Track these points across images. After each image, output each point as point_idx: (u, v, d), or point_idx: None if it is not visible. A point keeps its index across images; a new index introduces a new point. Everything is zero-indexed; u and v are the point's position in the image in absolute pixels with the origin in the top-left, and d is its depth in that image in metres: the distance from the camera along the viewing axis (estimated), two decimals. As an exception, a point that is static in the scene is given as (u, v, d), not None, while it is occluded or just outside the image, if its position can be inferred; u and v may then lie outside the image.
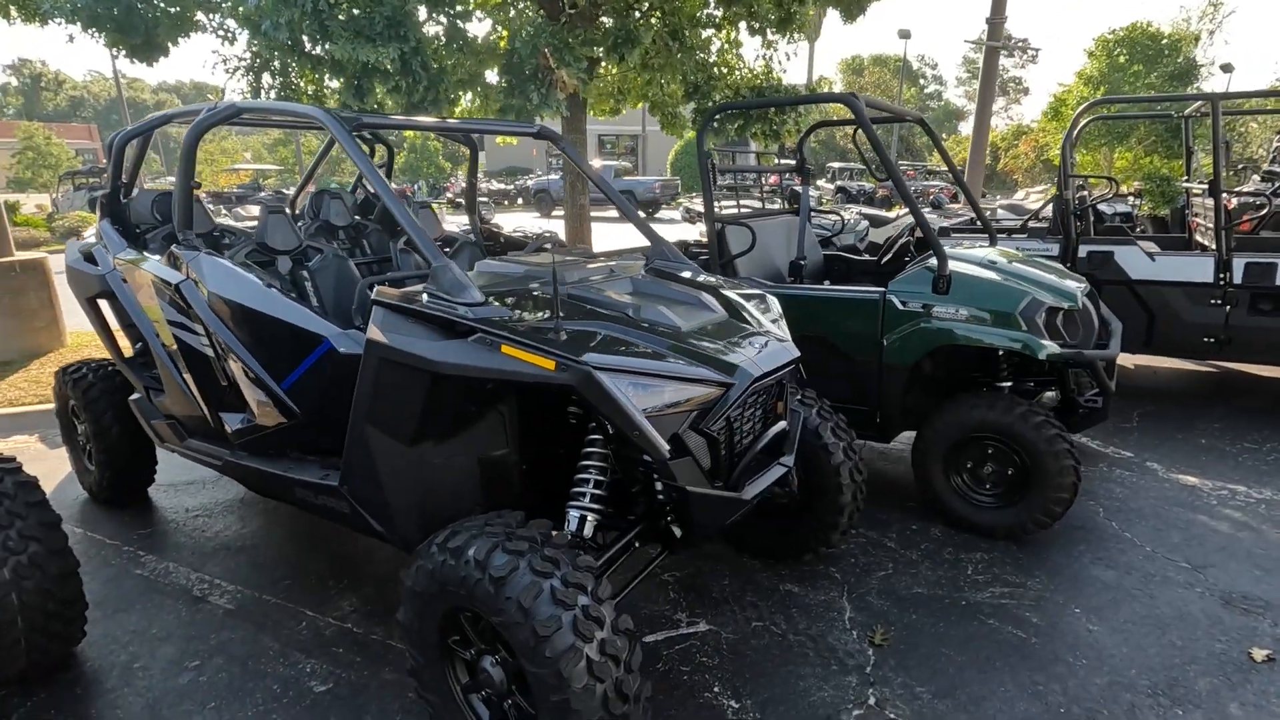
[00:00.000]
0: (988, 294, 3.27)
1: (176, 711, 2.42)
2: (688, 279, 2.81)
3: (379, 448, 2.27)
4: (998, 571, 3.12)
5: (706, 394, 2.07)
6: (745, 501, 2.20)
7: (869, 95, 3.88)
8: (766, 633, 2.74)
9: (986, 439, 3.30)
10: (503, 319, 2.08)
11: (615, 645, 1.74)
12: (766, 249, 4.47)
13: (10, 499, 2.45)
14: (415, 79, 4.35)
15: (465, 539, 1.87)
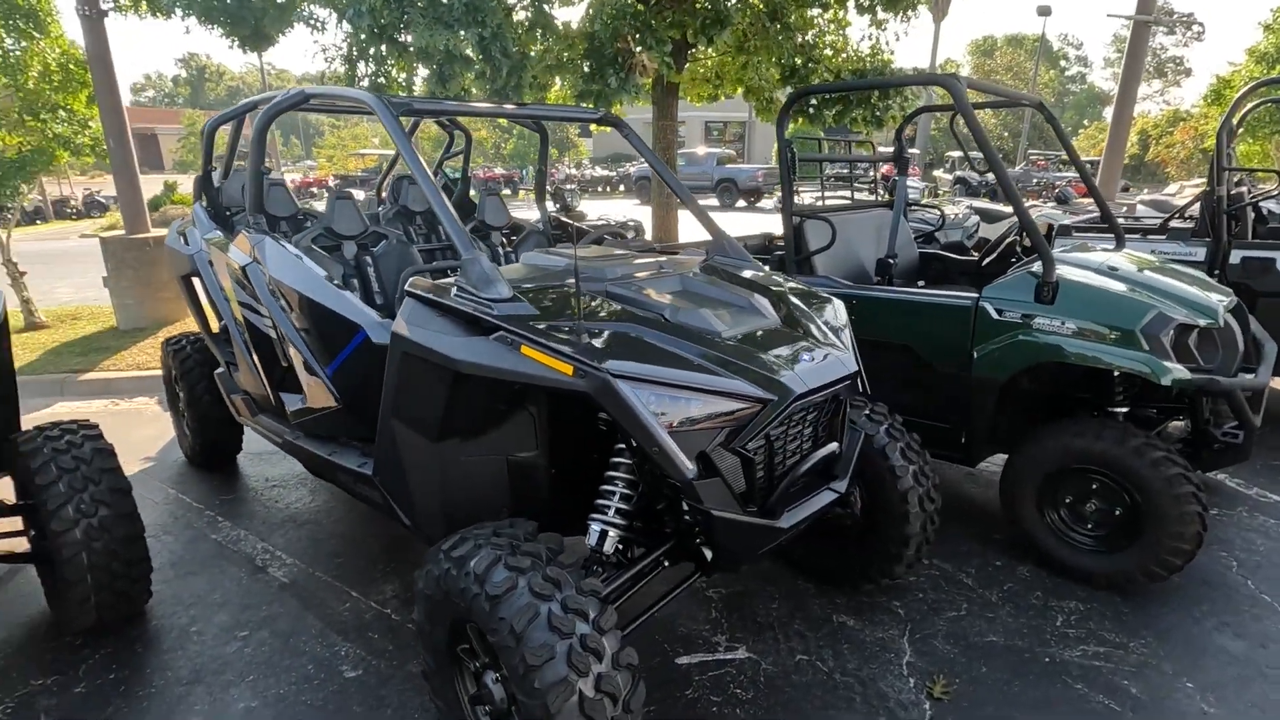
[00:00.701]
0: (1103, 305, 2.83)
1: (218, 680, 2.50)
2: (745, 278, 2.58)
3: (405, 442, 2.23)
4: (1094, 626, 2.71)
5: (741, 410, 1.86)
6: (781, 530, 1.98)
7: (973, 78, 3.45)
8: (811, 668, 2.51)
9: (1092, 472, 2.87)
10: (527, 316, 1.96)
11: (613, 682, 1.59)
12: (852, 245, 4.13)
13: (86, 464, 2.61)
14: (496, 65, 4.32)
15: (469, 548, 1.77)
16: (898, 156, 4.67)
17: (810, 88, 3.52)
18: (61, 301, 8.67)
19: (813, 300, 2.50)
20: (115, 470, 2.68)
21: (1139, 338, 2.71)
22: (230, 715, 2.34)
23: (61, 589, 2.56)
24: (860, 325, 3.41)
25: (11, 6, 6.46)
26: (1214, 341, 2.89)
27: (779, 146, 3.60)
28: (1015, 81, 42.97)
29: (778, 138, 3.62)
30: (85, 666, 2.58)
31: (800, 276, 3.69)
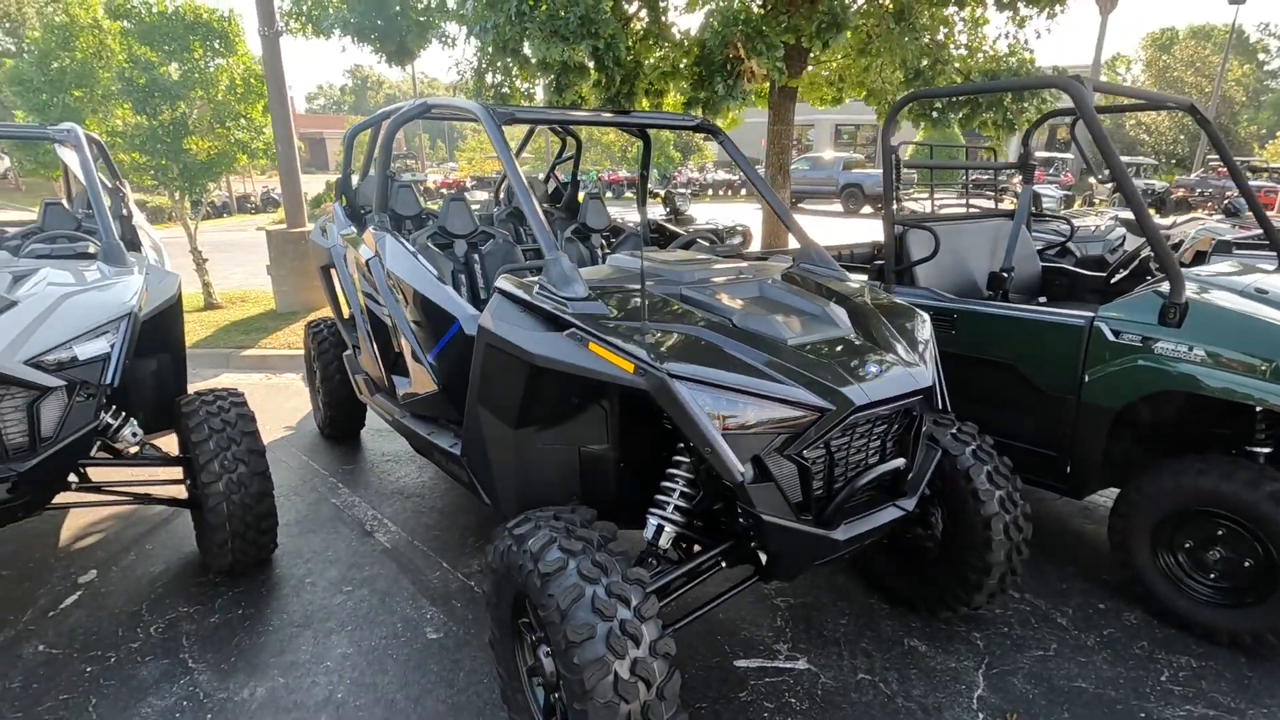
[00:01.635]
0: (1237, 331, 2.53)
1: (322, 627, 2.81)
2: (825, 287, 2.56)
3: (487, 427, 2.41)
4: (1206, 686, 2.44)
5: (798, 417, 1.87)
6: (836, 542, 1.96)
7: (1103, 81, 3.20)
8: (873, 688, 2.44)
9: (1218, 516, 2.58)
10: (599, 315, 2.07)
11: (649, 667, 1.66)
12: (964, 257, 3.93)
13: (231, 427, 3.01)
14: (610, 74, 4.49)
15: (529, 529, 1.91)
16: (1023, 163, 4.37)
17: (916, 93, 3.38)
18: (235, 286, 9.89)
19: (895, 313, 2.44)
20: (254, 434, 3.07)
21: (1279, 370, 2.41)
22: (330, 658, 2.63)
23: (206, 533, 2.98)
24: (962, 342, 3.29)
25: (209, 30, 7.47)
26: (1385, 380, 2.51)
27: (883, 153, 3.49)
28: (1197, 79, 38.27)
29: (882, 144, 3.51)
30: (220, 601, 2.99)
31: (900, 288, 3.58)
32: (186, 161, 7.70)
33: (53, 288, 2.79)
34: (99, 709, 2.37)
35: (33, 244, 3.48)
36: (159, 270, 3.46)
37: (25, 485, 2.54)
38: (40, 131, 3.67)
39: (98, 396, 2.71)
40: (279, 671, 2.56)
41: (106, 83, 7.26)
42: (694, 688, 2.45)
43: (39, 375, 2.49)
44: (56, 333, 2.60)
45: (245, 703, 2.40)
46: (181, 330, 3.56)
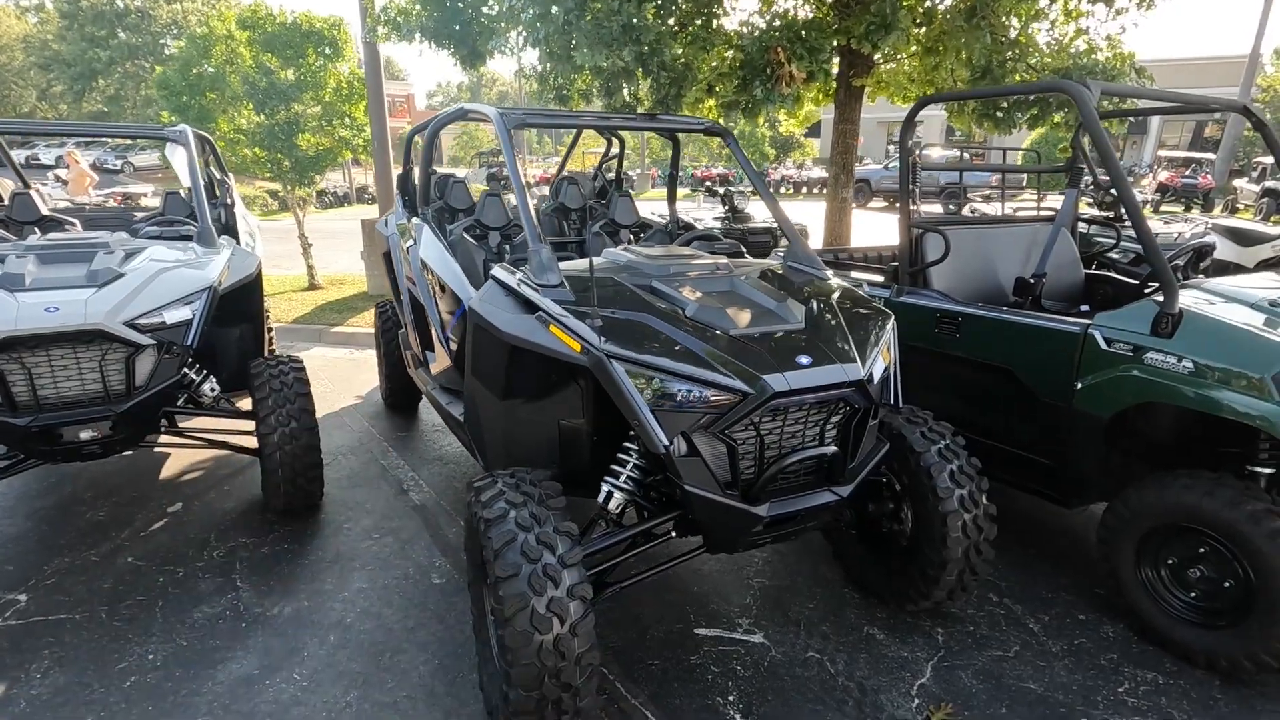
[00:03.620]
0: (1229, 344, 2.46)
1: (349, 565, 3.24)
2: (795, 285, 2.69)
3: (479, 397, 2.72)
4: (1165, 703, 2.40)
5: (720, 399, 2.05)
6: (757, 517, 2.13)
7: (1116, 84, 3.15)
8: (818, 666, 2.58)
9: (1201, 534, 2.52)
10: (565, 301, 2.32)
11: (563, 605, 1.91)
12: (991, 261, 3.89)
13: (289, 388, 3.50)
14: (656, 77, 4.70)
15: (487, 484, 2.20)
16: (1069, 166, 4.23)
17: (931, 97, 3.38)
18: (339, 270, 10.87)
19: (857, 312, 2.55)
20: (306, 395, 3.54)
21: (1269, 385, 2.33)
22: (348, 589, 3.05)
23: (266, 477, 3.49)
24: (965, 345, 3.31)
25: (320, 37, 8.30)
26: (1398, 403, 2.36)
27: (900, 154, 3.53)
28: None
29: (900, 146, 3.54)
30: (273, 535, 3.49)
31: (912, 290, 3.61)
32: (298, 156, 8.59)
33: (153, 263, 3.36)
34: (163, 611, 2.89)
35: (148, 226, 4.14)
36: (243, 252, 4.02)
37: (122, 423, 3.11)
38: (157, 131, 4.34)
39: (181, 355, 3.26)
40: (306, 596, 3.00)
41: (235, 86, 8.22)
42: (651, 647, 2.68)
43: (134, 334, 3.05)
44: (151, 300, 3.15)
45: (274, 618, 2.85)
46: (261, 303, 4.13)
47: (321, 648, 2.67)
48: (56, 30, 39.41)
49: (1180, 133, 37.97)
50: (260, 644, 2.69)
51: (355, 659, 2.61)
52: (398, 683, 2.49)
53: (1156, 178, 23.48)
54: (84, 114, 38.74)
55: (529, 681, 1.88)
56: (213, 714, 2.33)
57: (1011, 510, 3.74)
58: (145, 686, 2.45)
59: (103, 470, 4.17)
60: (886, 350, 2.48)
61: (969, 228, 4.01)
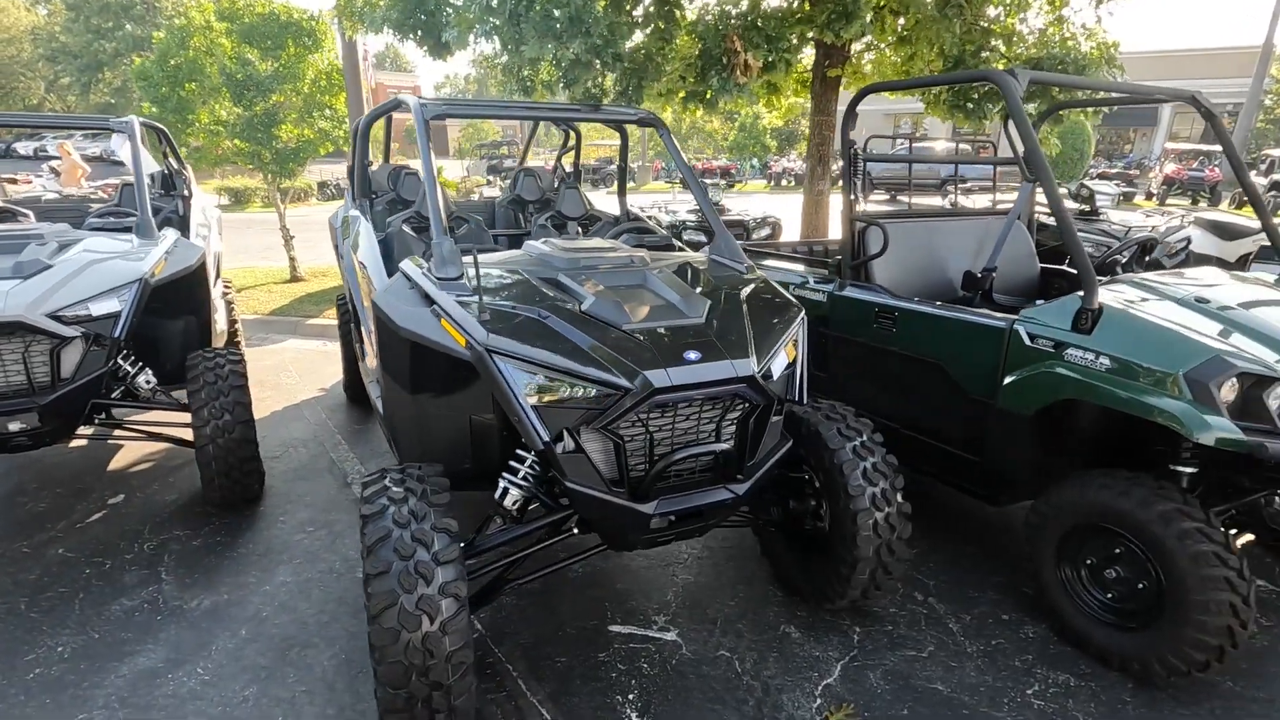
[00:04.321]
0: (1146, 341, 2.40)
1: (277, 558, 3.24)
2: (706, 278, 2.65)
3: (391, 392, 2.70)
4: (1072, 705, 2.36)
5: (598, 395, 2.02)
6: (643, 514, 2.09)
7: (1045, 74, 3.08)
8: (726, 664, 2.55)
9: (1118, 534, 2.47)
10: (459, 294, 2.29)
11: (434, 603, 1.88)
12: (941, 255, 3.82)
13: (224, 381, 3.48)
14: (611, 69, 4.64)
15: (374, 479, 2.17)
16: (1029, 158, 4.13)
17: (872, 86, 3.31)
18: (324, 262, 10.87)
19: (766, 308, 2.50)
20: (242, 388, 3.53)
21: (1181, 383, 2.27)
22: (270, 583, 3.04)
23: (201, 470, 3.48)
24: (901, 341, 3.26)
25: (299, 29, 8.27)
26: (1316, 402, 2.29)
27: (842, 147, 3.46)
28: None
29: (841, 138, 3.48)
30: (207, 528, 3.49)
31: (854, 284, 3.55)
32: (278, 148, 8.58)
33: (86, 254, 3.35)
34: (83, 603, 2.89)
35: (92, 218, 4.14)
36: (185, 244, 4.01)
37: (48, 415, 3.12)
38: (103, 122, 4.32)
39: (110, 347, 3.25)
40: (227, 590, 3.00)
41: (214, 77, 8.21)
42: (562, 644, 2.66)
43: (57, 326, 3.04)
44: (77, 292, 3.14)
45: (191, 611, 2.85)
46: (205, 295, 4.12)
47: (231, 641, 2.67)
48: (63, 22, 39.65)
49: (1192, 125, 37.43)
50: (172, 637, 2.69)
51: (263, 653, 2.61)
52: (299, 677, 2.48)
53: (1163, 170, 23.17)
54: (91, 105, 38.97)
55: (396, 679, 1.86)
56: (109, 708, 2.33)
57: (950, 508, 3.70)
58: (48, 680, 2.46)
59: (51, 462, 4.18)
60: (792, 346, 2.43)
61: (917, 222, 3.94)
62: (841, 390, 3.68)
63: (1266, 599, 2.96)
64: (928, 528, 3.52)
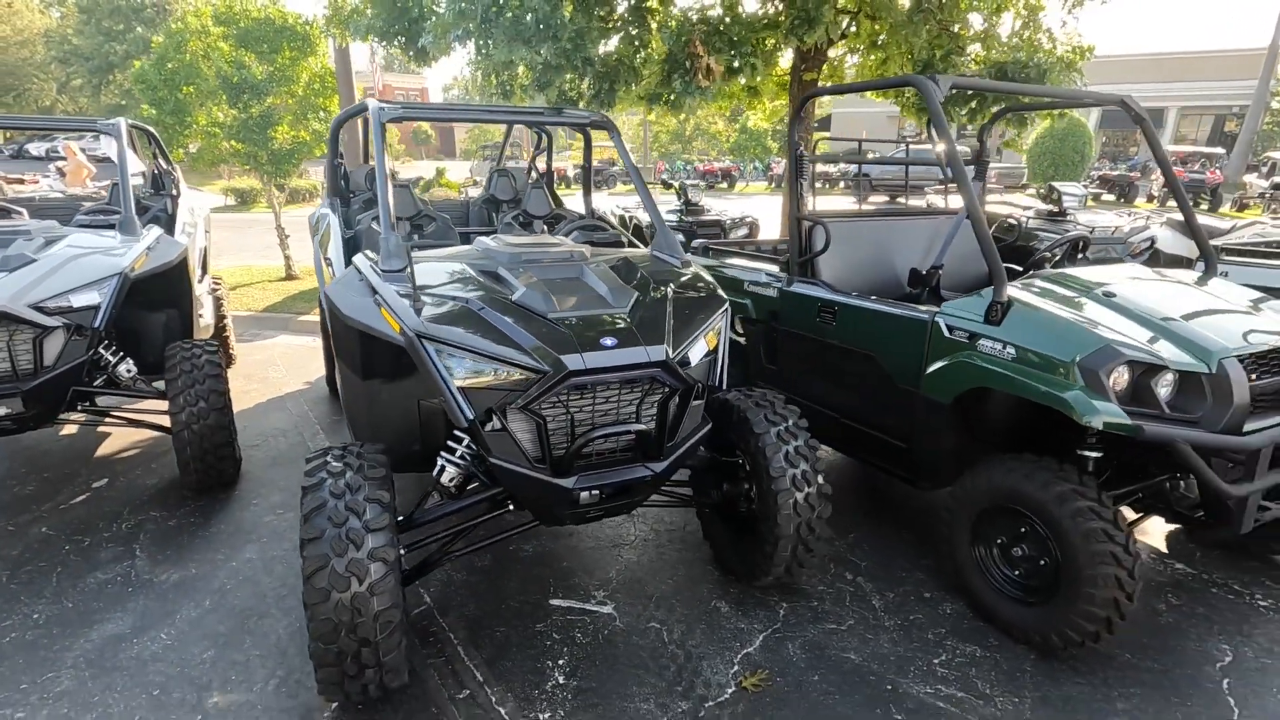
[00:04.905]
0: (1044, 331, 2.55)
1: (246, 537, 3.42)
2: (639, 272, 2.81)
3: (345, 378, 2.88)
4: (973, 674, 2.51)
5: (520, 377, 2.18)
6: (563, 489, 2.26)
7: (967, 78, 3.22)
8: (655, 635, 2.71)
9: (1023, 514, 2.61)
10: (400, 288, 2.46)
11: (361, 565, 2.05)
12: (889, 253, 3.97)
13: (200, 370, 3.67)
14: (582, 73, 4.81)
15: (317, 455, 2.35)
16: (976, 160, 4.29)
17: (816, 90, 3.47)
18: (321, 260, 11.10)
19: (692, 301, 2.66)
20: (217, 377, 3.71)
21: (1074, 370, 2.41)
22: (237, 560, 3.22)
23: (177, 455, 3.67)
24: (840, 333, 3.41)
25: (293, 34, 8.49)
26: (1203, 391, 2.43)
27: (789, 147, 3.62)
28: None
29: (788, 139, 3.64)
30: (184, 510, 3.68)
31: (801, 280, 3.70)
32: (273, 149, 8.80)
33: (70, 249, 3.55)
34: (60, 576, 3.08)
35: (81, 215, 4.35)
36: (168, 240, 4.20)
37: (31, 400, 3.31)
38: (90, 123, 4.53)
39: (91, 337, 3.45)
40: (195, 565, 3.18)
41: (211, 80, 8.44)
42: (504, 615, 2.82)
43: (40, 316, 3.24)
44: (59, 284, 3.33)
45: (160, 584, 3.04)
46: (187, 289, 4.32)
47: (195, 611, 2.85)
48: (75, 25, 40.25)
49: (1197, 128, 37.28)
50: (140, 607, 2.87)
51: (223, 621, 2.79)
52: (254, 643, 2.66)
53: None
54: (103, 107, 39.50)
55: (326, 635, 2.03)
56: (76, 667, 2.52)
57: (891, 495, 3.85)
58: (22, 642, 2.64)
59: (41, 449, 4.39)
60: (713, 335, 2.59)
61: (868, 221, 4.10)
62: (791, 382, 3.84)
63: (1183, 580, 3.09)
64: (867, 513, 3.68)
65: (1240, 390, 2.40)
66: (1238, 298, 2.93)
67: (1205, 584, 3.05)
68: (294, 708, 2.35)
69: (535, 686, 2.44)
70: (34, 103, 40.15)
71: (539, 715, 2.31)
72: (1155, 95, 33.18)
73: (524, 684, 2.45)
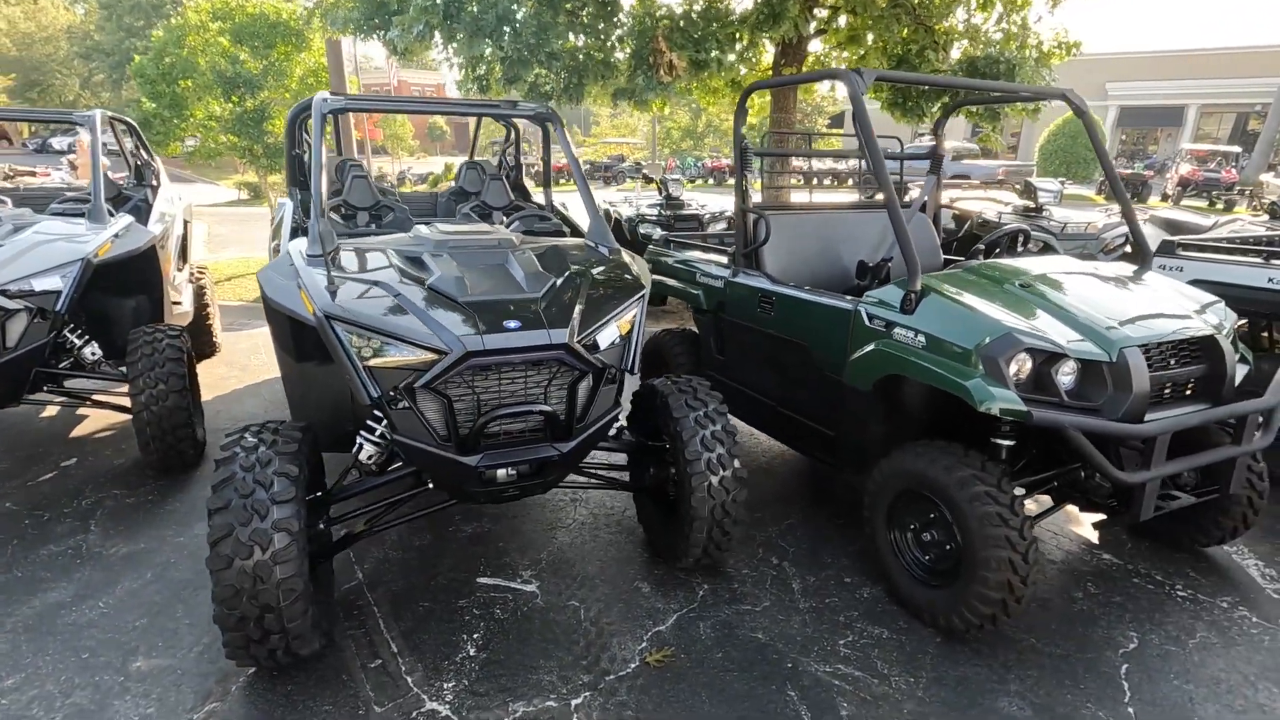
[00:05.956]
0: (951, 320, 2.58)
1: (194, 514, 3.52)
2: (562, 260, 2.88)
3: (282, 360, 2.98)
4: (875, 655, 2.55)
5: (422, 358, 2.27)
6: (466, 465, 2.34)
7: (891, 72, 3.26)
8: (572, 613, 2.78)
9: (931, 499, 2.66)
10: (320, 271, 2.55)
11: (264, 535, 2.14)
12: (837, 246, 4.02)
13: (160, 354, 3.79)
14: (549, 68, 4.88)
15: (238, 430, 2.44)
16: (931, 154, 4.31)
17: (757, 83, 3.50)
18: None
19: (610, 289, 2.73)
20: (178, 360, 3.83)
21: (974, 358, 2.45)
22: (185, 536, 3.34)
23: (137, 436, 3.79)
24: (778, 323, 3.46)
25: (287, 29, 8.64)
26: (1103, 379, 2.46)
27: (735, 142, 3.67)
28: None
29: (734, 133, 3.68)
30: (144, 489, 3.81)
31: (746, 271, 3.75)
32: (268, 143, 8.97)
33: (35, 236, 3.69)
34: (15, 548, 3.21)
35: (55, 204, 4.49)
36: (138, 228, 4.33)
37: (-6, 381, 3.45)
38: (66, 115, 4.67)
39: (54, 320, 3.58)
40: (144, 541, 3.30)
41: (207, 74, 8.62)
42: (431, 591, 2.91)
43: (2, 300, 3.37)
44: (21, 269, 3.47)
45: (109, 557, 3.16)
46: (157, 275, 4.45)
47: (136, 583, 2.97)
48: (97, 21, 41.00)
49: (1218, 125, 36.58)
50: (84, 577, 2.99)
51: (160, 593, 2.90)
52: (186, 611, 2.77)
53: (1178, 171, 22.80)
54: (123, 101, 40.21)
55: (228, 600, 2.12)
56: (14, 632, 2.64)
57: (831, 483, 3.90)
58: (-34, 608, 2.77)
59: (16, 429, 4.55)
60: (627, 322, 2.66)
61: (817, 213, 4.14)
62: (735, 371, 3.90)
63: (1107, 570, 3.11)
64: (807, 501, 3.73)
65: (1140, 379, 2.43)
66: (1159, 290, 2.94)
67: (1128, 574, 3.07)
68: (212, 672, 2.45)
69: (446, 658, 2.52)
70: (57, 97, 40.95)
71: (444, 684, 2.40)
72: (1176, 92, 32.64)
73: (435, 655, 2.53)
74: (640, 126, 44.47)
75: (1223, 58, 32.10)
